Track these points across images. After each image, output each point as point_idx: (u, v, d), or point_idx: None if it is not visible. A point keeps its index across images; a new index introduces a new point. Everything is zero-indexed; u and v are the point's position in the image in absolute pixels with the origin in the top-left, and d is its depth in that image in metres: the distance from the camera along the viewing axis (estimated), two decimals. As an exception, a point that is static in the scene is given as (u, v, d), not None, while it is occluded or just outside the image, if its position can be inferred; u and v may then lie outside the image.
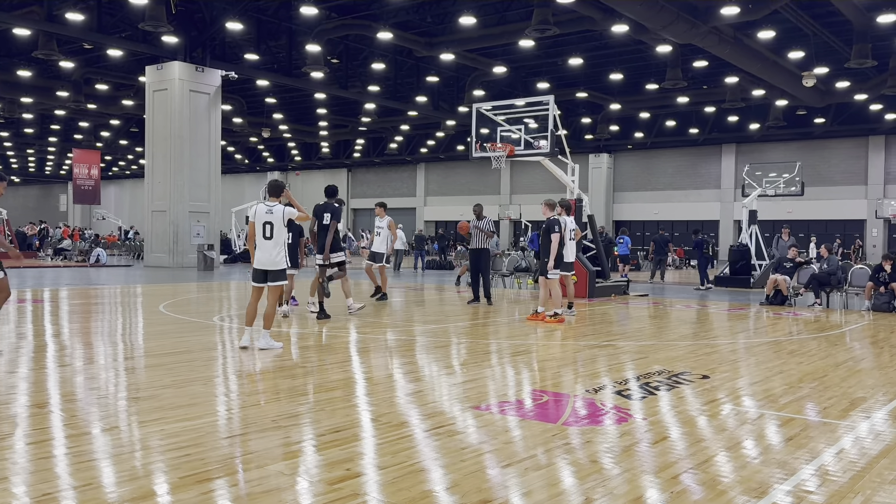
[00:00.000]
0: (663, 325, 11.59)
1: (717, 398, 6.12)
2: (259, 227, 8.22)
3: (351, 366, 7.46)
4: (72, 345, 8.42)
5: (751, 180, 23.84)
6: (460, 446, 4.57)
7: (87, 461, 4.17)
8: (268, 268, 8.19)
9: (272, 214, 8.21)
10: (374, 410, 5.49)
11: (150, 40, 25.79)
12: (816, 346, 9.41)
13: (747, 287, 20.32)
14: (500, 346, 9.02)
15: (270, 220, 8.19)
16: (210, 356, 7.79)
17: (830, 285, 14.95)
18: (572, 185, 16.57)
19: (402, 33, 26.36)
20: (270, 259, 8.18)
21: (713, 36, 22.37)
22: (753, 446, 4.73)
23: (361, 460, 4.26)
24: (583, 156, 43.31)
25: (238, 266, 29.48)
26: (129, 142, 48.68)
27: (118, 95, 36.13)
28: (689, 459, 4.38)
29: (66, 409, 5.36)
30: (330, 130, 46.20)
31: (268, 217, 8.20)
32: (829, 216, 38.82)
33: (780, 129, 36.97)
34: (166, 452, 4.32)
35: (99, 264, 28.94)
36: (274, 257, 8.19)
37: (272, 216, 8.21)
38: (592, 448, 4.58)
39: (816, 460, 4.42)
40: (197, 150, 26.31)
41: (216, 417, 5.20)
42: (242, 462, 4.19)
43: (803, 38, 25.15)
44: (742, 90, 31.30)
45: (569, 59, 28.18)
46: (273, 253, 8.19)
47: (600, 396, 6.06)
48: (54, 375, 6.63)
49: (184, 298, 14.52)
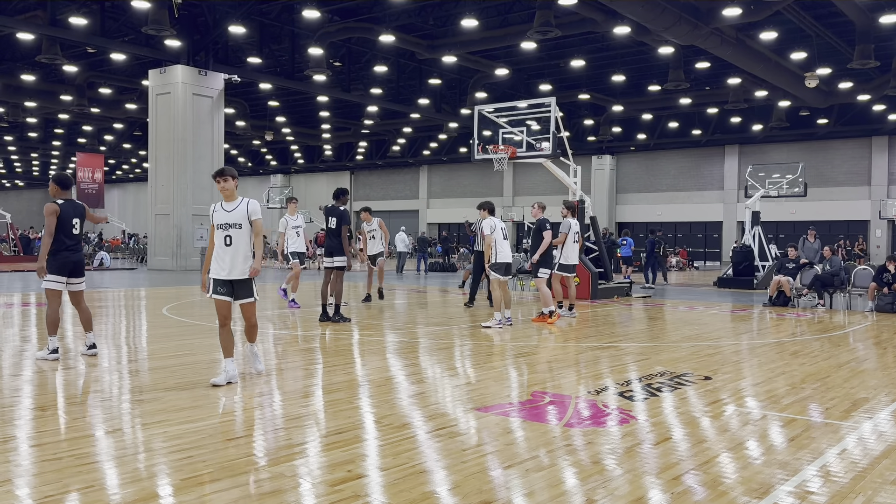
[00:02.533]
0: (666, 327, 11.58)
1: (720, 399, 6.12)
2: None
3: (353, 368, 7.47)
4: (75, 347, 8.43)
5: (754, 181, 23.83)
6: (462, 448, 4.57)
7: (90, 463, 4.18)
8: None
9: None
10: (376, 412, 5.50)
11: (153, 44, 25.86)
12: (819, 347, 9.40)
13: (750, 288, 20.29)
14: (502, 347, 9.03)
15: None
16: (213, 359, 7.80)
17: (834, 286, 14.93)
18: (575, 186, 16.57)
19: (404, 36, 26.39)
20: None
21: (715, 37, 22.37)
22: (756, 447, 4.73)
23: (363, 462, 4.27)
24: (585, 157, 43.26)
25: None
26: (132, 145, 48.79)
27: (121, 99, 36.21)
28: (691, 460, 4.38)
29: (70, 412, 5.37)
30: (332, 133, 46.26)
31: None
32: (833, 217, 38.73)
33: (782, 130, 36.92)
34: (169, 454, 4.33)
35: (102, 268, 29.00)
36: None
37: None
38: (594, 449, 4.58)
39: (819, 460, 4.41)
40: (200, 153, 26.35)
41: (219, 419, 5.21)
42: (244, 464, 4.20)
43: (806, 38, 25.13)
44: (745, 91, 31.27)
45: (571, 61, 28.20)
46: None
47: (602, 398, 6.06)
48: (59, 378, 6.65)
49: (187, 301, 14.54)
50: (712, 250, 43.38)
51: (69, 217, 7.48)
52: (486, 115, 16.04)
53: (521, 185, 48.46)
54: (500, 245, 10.95)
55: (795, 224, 39.01)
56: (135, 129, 45.27)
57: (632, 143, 43.16)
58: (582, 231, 16.51)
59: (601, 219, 36.14)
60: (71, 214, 7.50)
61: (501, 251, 10.92)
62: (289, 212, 13.33)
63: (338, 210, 11.21)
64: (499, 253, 10.90)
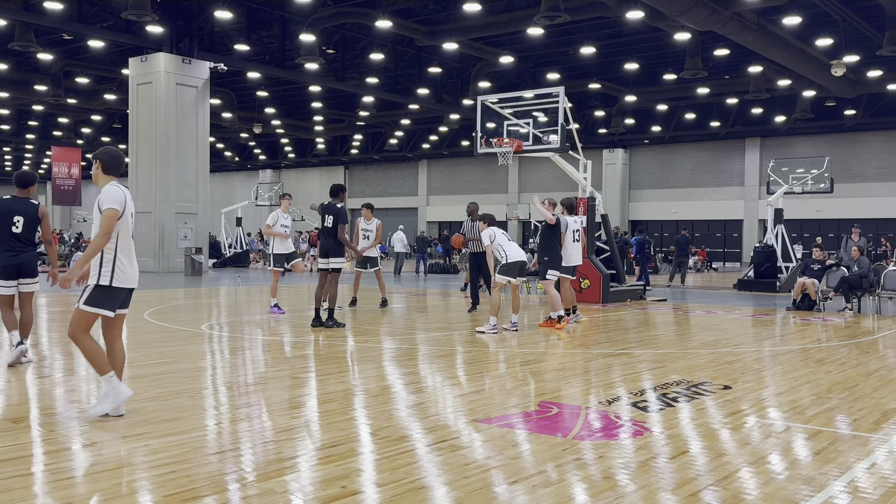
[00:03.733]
0: (683, 332, 11.58)
1: (740, 410, 6.12)
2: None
3: (348, 376, 7.47)
4: (51, 355, 8.44)
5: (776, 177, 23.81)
6: (464, 462, 4.57)
7: (66, 479, 4.18)
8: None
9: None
10: (372, 424, 5.50)
11: (134, 30, 25.87)
12: (847, 353, 9.39)
13: (773, 291, 20.29)
14: (507, 354, 9.03)
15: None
16: (198, 367, 7.80)
17: (862, 289, 14.92)
18: (585, 182, 16.58)
19: (402, 21, 26.40)
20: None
21: (735, 22, 22.35)
22: (779, 461, 4.73)
23: (358, 477, 4.27)
24: (596, 151, 43.29)
25: (228, 271, 29.53)
26: (111, 139, 48.76)
27: (100, 89, 36.23)
28: (709, 475, 4.38)
29: (45, 424, 5.37)
30: (326, 126, 46.27)
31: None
32: (862, 215, 38.67)
33: (807, 122, 36.90)
34: (151, 469, 4.33)
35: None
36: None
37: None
38: (606, 463, 4.58)
39: (846, 475, 4.41)
40: (184, 147, 26.37)
41: (204, 432, 5.21)
42: (232, 479, 4.20)
43: (832, 24, 25.11)
44: (766, 80, 31.26)
45: (580, 48, 28.18)
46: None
47: (614, 408, 6.06)
48: (32, 387, 6.65)
49: (170, 305, 14.55)
50: (732, 250, 43.39)
51: (10, 214, 7.39)
52: (490, 106, 16.03)
53: (528, 181, 48.48)
54: (507, 246, 11.11)
55: (821, 222, 39.02)
56: (114, 122, 45.32)
57: (646, 135, 43.17)
58: (593, 230, 16.55)
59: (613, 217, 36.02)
60: (14, 211, 7.41)
61: (510, 251, 11.08)
62: (281, 209, 13.31)
63: (335, 207, 11.22)
64: (507, 254, 11.05)
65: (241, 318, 12.73)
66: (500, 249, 11.09)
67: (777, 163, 24.67)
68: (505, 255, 11.02)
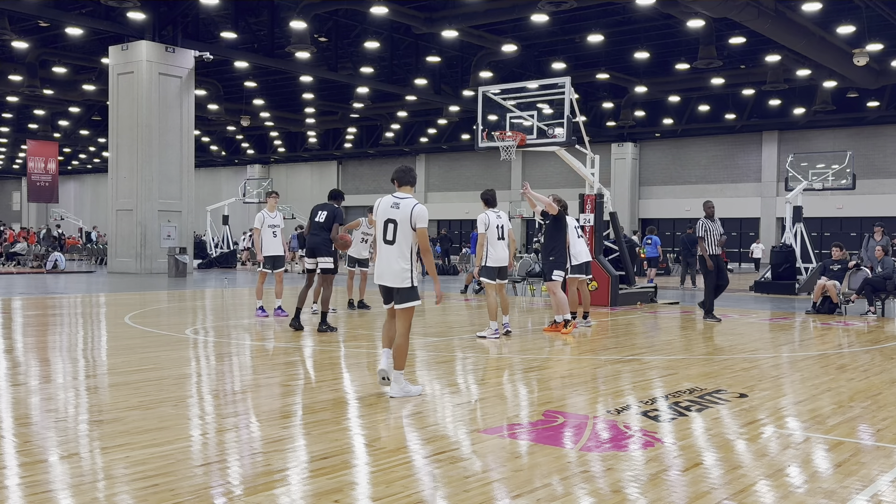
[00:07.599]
0: (695, 337, 11.59)
1: (757, 419, 6.12)
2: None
3: (341, 384, 7.47)
4: (26, 361, 8.44)
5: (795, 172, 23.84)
6: (464, 474, 4.57)
7: (43, 492, 4.18)
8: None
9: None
10: (366, 434, 5.50)
11: (114, 17, 25.87)
12: (870, 360, 9.40)
13: (792, 293, 20.31)
14: (510, 360, 9.03)
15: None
16: (182, 374, 7.81)
17: (886, 291, 14.93)
18: (592, 178, 16.59)
19: (398, 7, 26.39)
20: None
21: (752, 8, 22.36)
22: (798, 473, 4.73)
23: (352, 490, 4.27)
24: (604, 145, 43.30)
25: (214, 272, 29.54)
26: (90, 132, 48.81)
27: (78, 80, 36.21)
28: (724, 488, 4.38)
29: (20, 434, 5.37)
30: (317, 118, 46.26)
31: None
32: (886, 212, 38.66)
33: (828, 115, 36.92)
34: (132, 482, 4.33)
35: (57, 270, 29.02)
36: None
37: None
38: (615, 476, 4.58)
39: (869, 489, 4.41)
40: (167, 140, 26.37)
41: (189, 443, 5.21)
42: (218, 493, 4.20)
43: (854, 10, 25.12)
44: (785, 70, 31.28)
45: (588, 36, 28.20)
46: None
47: (624, 418, 6.06)
48: (6, 396, 6.65)
49: (153, 308, 14.56)
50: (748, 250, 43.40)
51: None
52: (492, 98, 16.04)
53: (532, 177, 48.41)
54: (493, 246, 10.85)
55: (843, 221, 39.02)
56: (93, 114, 45.28)
57: (657, 128, 43.18)
58: (601, 228, 16.56)
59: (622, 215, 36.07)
60: None
61: (493, 253, 10.85)
62: (267, 207, 13.35)
63: (332, 207, 11.31)
64: (489, 255, 10.85)
65: (227, 321, 12.74)
66: (486, 244, 10.83)
67: (796, 157, 24.71)
68: (485, 255, 10.87)
